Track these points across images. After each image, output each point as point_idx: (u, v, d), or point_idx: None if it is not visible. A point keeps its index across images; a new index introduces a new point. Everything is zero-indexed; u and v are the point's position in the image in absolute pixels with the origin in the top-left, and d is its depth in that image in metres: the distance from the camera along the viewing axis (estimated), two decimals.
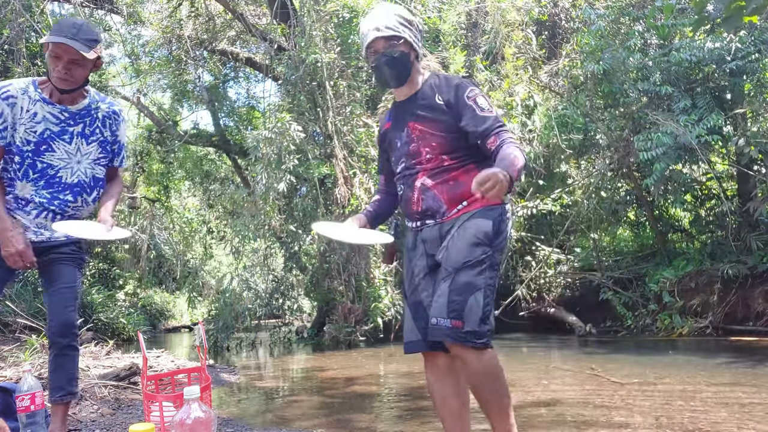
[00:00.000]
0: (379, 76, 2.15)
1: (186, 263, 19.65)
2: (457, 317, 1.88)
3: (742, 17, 2.81)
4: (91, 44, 2.31)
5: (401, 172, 2.18)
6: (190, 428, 1.58)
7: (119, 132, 2.60)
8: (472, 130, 2.01)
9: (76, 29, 2.28)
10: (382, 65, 2.09)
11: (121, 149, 2.64)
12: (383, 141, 2.30)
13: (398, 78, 2.12)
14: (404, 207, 2.20)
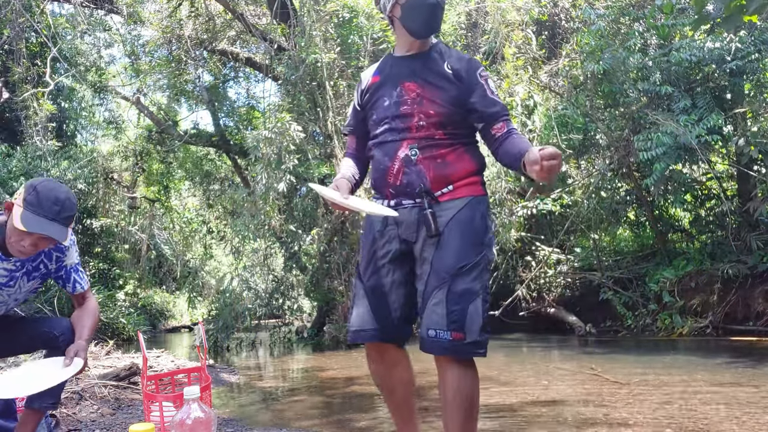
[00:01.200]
0: (420, 18, 1.87)
1: (186, 263, 19.64)
2: (458, 329, 1.74)
3: (743, 17, 2.80)
4: (70, 221, 2.10)
5: (380, 135, 1.93)
6: (190, 428, 1.57)
7: (66, 259, 2.33)
8: (481, 109, 1.87)
9: (58, 207, 2.02)
10: (431, 6, 1.85)
11: (70, 273, 2.35)
12: (364, 95, 2.02)
13: (435, 27, 1.91)
14: (377, 179, 1.94)
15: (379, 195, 1.96)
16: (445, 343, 1.74)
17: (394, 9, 1.92)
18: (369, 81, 2.01)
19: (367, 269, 1.93)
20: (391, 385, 1.99)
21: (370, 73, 2.05)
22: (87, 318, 2.30)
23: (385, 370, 1.98)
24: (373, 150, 1.96)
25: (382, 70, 2.01)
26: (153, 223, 18.21)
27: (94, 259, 13.34)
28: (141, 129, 16.79)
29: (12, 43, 11.12)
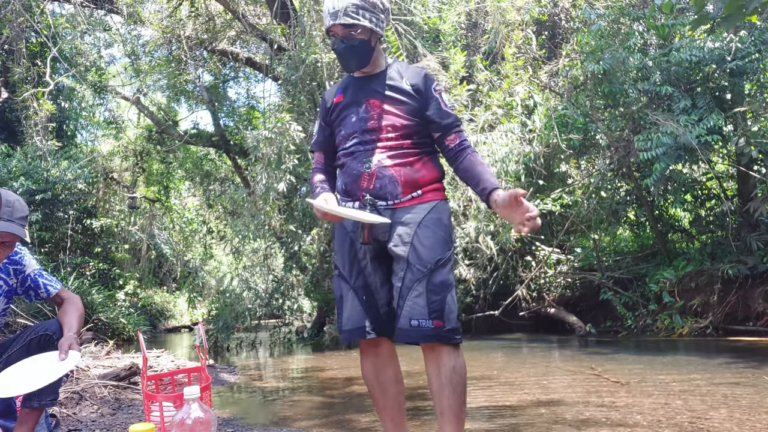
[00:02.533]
0: (340, 61, 2.11)
1: (186, 263, 19.66)
2: (438, 317, 1.89)
3: (742, 16, 2.80)
4: (24, 222, 2.15)
5: (351, 147, 2.07)
6: (190, 428, 1.57)
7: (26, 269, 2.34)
8: (436, 120, 2.06)
9: (9, 209, 2.10)
10: (342, 51, 2.06)
11: (37, 280, 2.36)
12: (330, 114, 2.16)
13: (359, 63, 2.09)
14: (349, 183, 2.06)
15: (349, 198, 2.09)
16: (428, 331, 1.88)
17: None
18: (333, 100, 2.16)
19: (351, 270, 2.04)
20: (384, 383, 2.07)
21: (333, 92, 2.19)
22: (72, 312, 2.30)
23: (380, 367, 2.07)
24: (344, 159, 2.09)
25: (345, 89, 2.15)
26: (153, 223, 18.22)
27: (94, 259, 13.34)
28: (141, 129, 16.80)
29: (12, 43, 11.13)
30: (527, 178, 9.12)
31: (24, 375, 2.06)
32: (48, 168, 10.46)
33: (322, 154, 2.22)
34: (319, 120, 2.22)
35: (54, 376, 2.02)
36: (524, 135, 9.22)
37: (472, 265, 9.37)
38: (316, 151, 2.24)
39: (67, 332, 2.20)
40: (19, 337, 2.31)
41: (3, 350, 2.29)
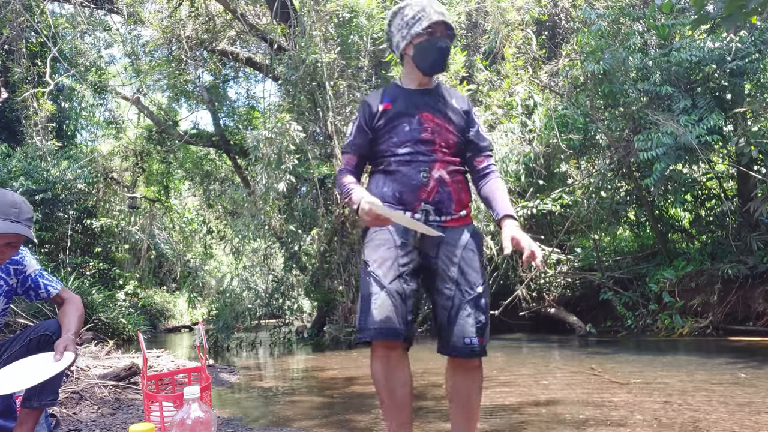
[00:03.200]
0: (430, 59, 2.12)
1: (186, 263, 19.66)
2: (481, 335, 2.05)
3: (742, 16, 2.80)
4: (30, 223, 2.15)
5: (406, 155, 2.10)
6: (190, 428, 1.57)
7: (26, 269, 2.35)
8: (475, 142, 2.22)
9: (17, 210, 2.10)
10: (444, 49, 2.12)
11: (37, 280, 2.36)
12: (376, 120, 2.17)
13: (444, 67, 2.19)
14: (405, 193, 2.09)
15: (401, 206, 2.09)
16: (476, 347, 2.04)
17: (408, 48, 2.16)
18: (380, 107, 2.17)
19: (388, 272, 2.04)
20: (393, 385, 2.07)
21: (378, 99, 2.20)
22: (71, 313, 2.30)
23: (390, 369, 2.07)
24: (396, 166, 2.11)
25: (394, 98, 2.18)
26: (153, 223, 18.21)
27: (94, 259, 13.34)
28: (141, 129, 16.80)
29: (12, 43, 11.13)
30: (527, 178, 9.12)
31: (17, 374, 2.07)
32: (48, 168, 10.46)
33: (356, 157, 2.21)
34: (359, 123, 2.20)
35: (46, 376, 2.02)
36: (524, 135, 9.22)
37: None
38: (351, 153, 2.22)
39: (65, 333, 2.20)
40: (18, 337, 2.31)
41: (3, 350, 2.29)
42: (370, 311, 1.99)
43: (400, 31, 2.16)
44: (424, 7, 2.10)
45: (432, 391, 4.23)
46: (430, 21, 2.08)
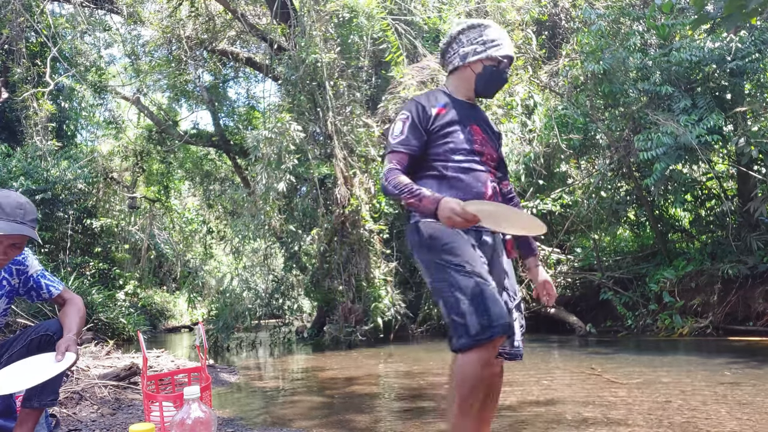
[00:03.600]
0: (493, 85, 2.24)
1: (186, 263, 19.65)
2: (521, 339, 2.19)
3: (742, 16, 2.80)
4: (35, 224, 2.16)
5: (464, 163, 2.13)
6: (190, 428, 1.57)
7: (29, 269, 2.35)
8: (503, 164, 2.37)
9: (22, 211, 2.11)
10: (504, 81, 2.25)
11: (39, 280, 2.36)
12: (433, 122, 2.14)
13: (493, 96, 2.33)
14: (468, 198, 2.04)
15: None
16: (521, 351, 2.19)
17: (476, 64, 2.20)
18: (434, 110, 2.17)
19: (484, 270, 2.02)
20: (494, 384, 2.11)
21: (432, 102, 2.18)
22: (73, 313, 2.30)
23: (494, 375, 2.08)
24: (455, 173, 2.13)
25: (446, 105, 2.19)
26: (153, 223, 18.21)
27: (94, 259, 13.34)
28: (141, 129, 16.80)
29: (12, 43, 11.13)
30: (527, 178, 9.12)
31: (18, 374, 2.07)
32: (48, 168, 10.46)
33: (408, 158, 2.12)
34: (414, 122, 2.14)
35: (46, 376, 2.02)
36: (524, 135, 9.22)
37: None
38: (404, 153, 2.12)
39: (66, 333, 2.20)
40: (19, 337, 2.31)
41: (4, 350, 2.29)
42: (488, 307, 1.90)
43: (474, 45, 2.18)
44: (504, 38, 2.20)
45: (432, 391, 4.23)
46: (506, 53, 2.18)
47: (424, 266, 2.08)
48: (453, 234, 2.05)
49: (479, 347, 1.88)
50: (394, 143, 2.13)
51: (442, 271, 1.98)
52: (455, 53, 2.22)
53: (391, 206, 9.24)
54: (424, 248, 2.07)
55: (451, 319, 1.92)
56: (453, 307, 1.92)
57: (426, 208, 1.96)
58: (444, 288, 1.96)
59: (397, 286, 9.30)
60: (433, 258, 2.02)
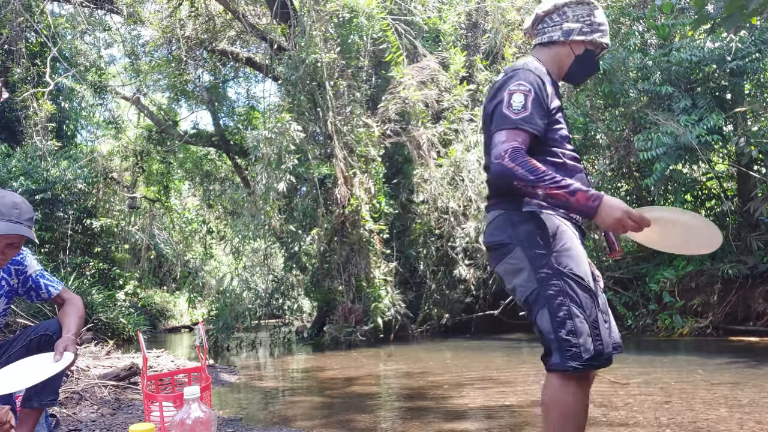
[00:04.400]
0: (587, 70, 2.02)
1: (186, 263, 19.65)
2: None
3: (742, 16, 2.80)
4: (31, 223, 2.15)
5: (573, 152, 1.91)
6: (190, 428, 1.57)
7: (27, 269, 2.34)
8: None
9: (18, 210, 2.10)
10: (596, 69, 2.07)
11: (38, 280, 2.36)
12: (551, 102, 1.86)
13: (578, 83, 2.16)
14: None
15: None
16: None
17: (578, 45, 1.94)
18: (549, 87, 1.88)
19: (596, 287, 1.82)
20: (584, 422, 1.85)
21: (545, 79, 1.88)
22: (72, 313, 2.30)
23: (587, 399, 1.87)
24: (571, 162, 1.88)
25: (553, 83, 1.93)
26: (153, 223, 18.21)
27: (94, 259, 13.33)
28: (141, 129, 16.80)
29: (12, 43, 11.13)
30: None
31: (17, 374, 2.07)
32: (48, 168, 10.46)
33: (530, 138, 1.76)
34: (537, 98, 1.79)
35: (44, 376, 2.02)
36: None
37: (472, 265, 9.37)
38: (528, 132, 1.76)
39: (65, 333, 2.20)
40: (19, 338, 2.31)
41: (3, 350, 2.29)
42: (604, 331, 1.73)
43: (581, 23, 1.92)
44: (607, 27, 1.99)
45: (432, 391, 4.23)
46: (608, 42, 1.99)
47: (531, 264, 1.75)
48: (572, 236, 1.81)
49: (585, 372, 1.71)
50: (516, 119, 1.74)
51: (558, 277, 1.72)
52: (556, 25, 1.93)
53: (391, 206, 9.24)
54: (539, 243, 1.75)
55: (558, 335, 1.68)
56: (564, 322, 1.68)
57: (580, 204, 1.66)
58: (557, 297, 1.70)
59: (397, 286, 9.30)
60: (550, 259, 1.74)
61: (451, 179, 9.40)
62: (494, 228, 1.86)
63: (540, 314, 1.72)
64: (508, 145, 1.71)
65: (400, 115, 9.35)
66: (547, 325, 1.70)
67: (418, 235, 9.73)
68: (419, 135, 9.29)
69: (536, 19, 1.99)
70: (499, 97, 1.80)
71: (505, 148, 1.71)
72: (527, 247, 1.76)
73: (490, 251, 1.91)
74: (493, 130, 1.77)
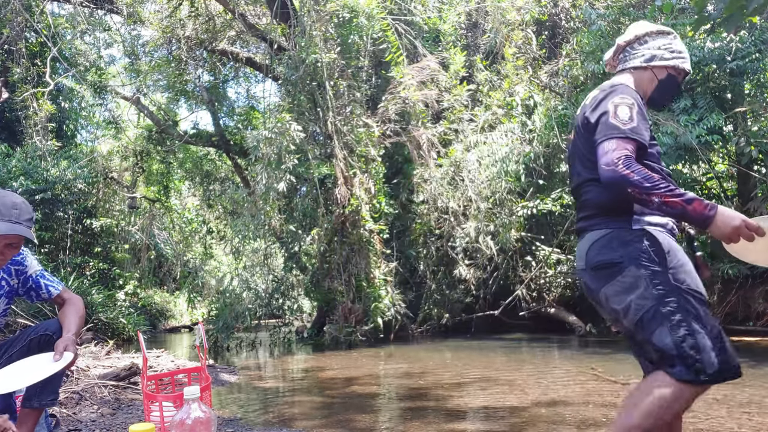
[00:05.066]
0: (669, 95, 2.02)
1: (186, 263, 19.64)
2: None
3: (743, 16, 2.80)
4: (30, 223, 2.15)
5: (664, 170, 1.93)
6: (190, 428, 1.57)
7: (28, 269, 2.34)
8: None
9: (17, 211, 2.11)
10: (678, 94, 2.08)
11: (38, 280, 2.36)
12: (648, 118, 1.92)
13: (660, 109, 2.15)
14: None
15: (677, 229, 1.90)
16: None
17: (661, 70, 1.97)
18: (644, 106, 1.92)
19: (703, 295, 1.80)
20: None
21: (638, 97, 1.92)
22: (72, 313, 2.30)
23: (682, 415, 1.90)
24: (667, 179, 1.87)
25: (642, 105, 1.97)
26: (153, 223, 18.21)
27: (94, 259, 13.33)
28: (141, 129, 16.80)
29: (12, 43, 11.14)
30: (527, 178, 9.12)
31: (16, 373, 2.07)
32: (48, 168, 10.46)
33: (637, 149, 1.77)
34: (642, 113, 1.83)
35: (44, 375, 2.02)
36: (524, 135, 9.22)
37: (472, 265, 9.37)
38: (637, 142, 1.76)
39: (65, 333, 2.20)
40: (19, 338, 2.31)
41: (4, 350, 2.29)
42: (728, 345, 1.71)
43: (663, 50, 1.98)
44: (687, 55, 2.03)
45: (432, 391, 4.23)
46: (689, 68, 2.01)
47: (648, 282, 1.73)
48: (682, 251, 1.80)
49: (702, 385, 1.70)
50: (625, 128, 1.76)
51: (676, 293, 1.71)
52: (638, 53, 2.00)
53: (391, 206, 9.24)
54: (654, 261, 1.74)
55: (680, 351, 1.67)
56: (685, 338, 1.67)
57: (697, 213, 1.64)
58: (675, 313, 1.69)
59: (397, 286, 9.30)
60: (667, 275, 1.73)
61: (451, 179, 9.40)
62: (601, 247, 1.82)
63: (659, 332, 1.71)
64: (620, 152, 1.71)
65: (400, 115, 9.35)
66: (668, 342, 1.70)
67: (418, 235, 9.73)
68: (419, 135, 9.29)
69: (618, 49, 2.05)
70: (603, 108, 1.82)
71: (617, 155, 1.70)
72: (643, 265, 1.75)
73: (595, 271, 1.84)
74: (600, 140, 1.77)
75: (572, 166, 1.99)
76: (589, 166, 1.85)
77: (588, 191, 1.88)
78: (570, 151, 2.02)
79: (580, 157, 1.92)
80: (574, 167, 1.97)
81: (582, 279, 1.93)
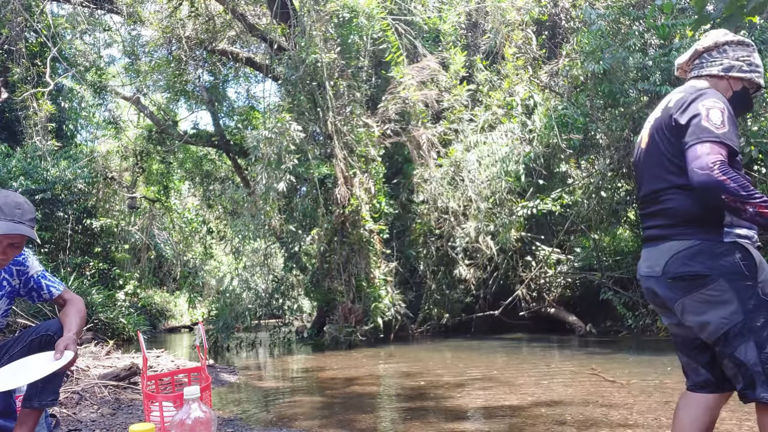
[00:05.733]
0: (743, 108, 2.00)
1: (186, 263, 19.64)
2: None
3: (743, 16, 2.80)
4: (33, 223, 2.16)
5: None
6: (190, 428, 1.57)
7: (29, 270, 2.34)
8: None
9: (20, 210, 2.11)
10: (751, 108, 2.06)
11: (40, 281, 2.35)
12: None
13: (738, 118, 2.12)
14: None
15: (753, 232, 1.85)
16: None
17: (737, 82, 1.94)
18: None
19: None
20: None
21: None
22: (73, 313, 2.29)
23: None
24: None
25: None
26: (153, 223, 18.21)
27: (94, 259, 13.33)
28: (141, 129, 16.80)
29: (12, 43, 11.14)
30: (527, 178, 9.11)
31: (16, 372, 2.07)
32: (47, 168, 10.46)
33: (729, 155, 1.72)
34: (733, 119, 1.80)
35: (43, 373, 2.01)
36: (524, 135, 9.22)
37: (472, 265, 9.37)
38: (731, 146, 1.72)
39: (66, 333, 2.20)
40: (20, 338, 2.31)
41: (4, 350, 2.29)
42: None
43: (742, 62, 1.94)
44: (763, 70, 1.99)
45: (432, 391, 4.23)
46: (764, 84, 1.98)
47: (738, 296, 1.71)
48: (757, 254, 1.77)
49: None
50: (719, 133, 1.71)
51: (767, 309, 1.69)
52: (716, 61, 1.95)
53: (391, 206, 9.24)
54: (745, 275, 1.71)
55: (765, 367, 1.66)
56: None
57: None
58: (765, 330, 1.67)
59: (397, 286, 9.30)
60: (757, 290, 1.70)
61: (451, 179, 9.40)
62: (687, 258, 1.76)
63: (745, 346, 1.68)
64: (715, 157, 1.65)
65: (400, 115, 9.35)
66: (754, 357, 1.66)
67: (418, 235, 9.73)
68: (419, 135, 9.29)
69: (695, 54, 2.00)
70: (694, 110, 1.76)
71: (712, 159, 1.65)
72: (734, 278, 1.71)
73: (675, 281, 1.79)
74: (692, 142, 1.71)
75: (646, 170, 1.92)
76: (675, 171, 1.80)
77: (671, 199, 1.81)
78: (643, 155, 1.95)
79: (661, 162, 1.85)
80: (649, 171, 1.90)
81: (647, 284, 1.89)
